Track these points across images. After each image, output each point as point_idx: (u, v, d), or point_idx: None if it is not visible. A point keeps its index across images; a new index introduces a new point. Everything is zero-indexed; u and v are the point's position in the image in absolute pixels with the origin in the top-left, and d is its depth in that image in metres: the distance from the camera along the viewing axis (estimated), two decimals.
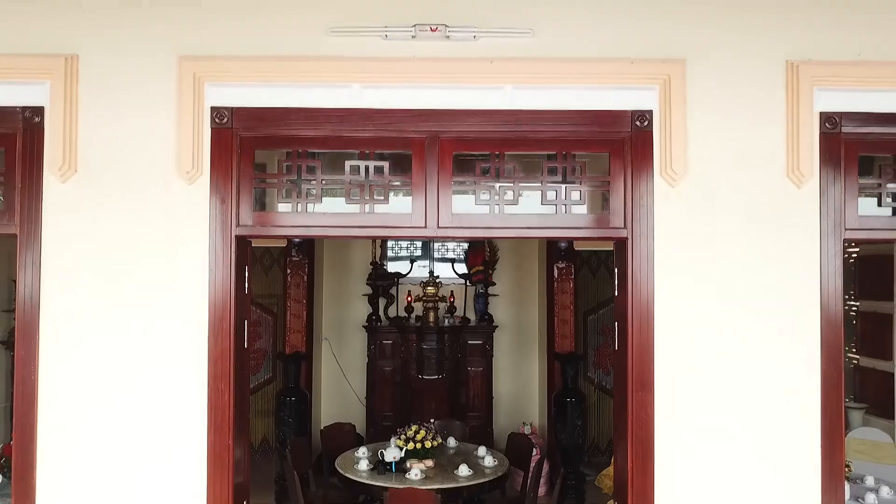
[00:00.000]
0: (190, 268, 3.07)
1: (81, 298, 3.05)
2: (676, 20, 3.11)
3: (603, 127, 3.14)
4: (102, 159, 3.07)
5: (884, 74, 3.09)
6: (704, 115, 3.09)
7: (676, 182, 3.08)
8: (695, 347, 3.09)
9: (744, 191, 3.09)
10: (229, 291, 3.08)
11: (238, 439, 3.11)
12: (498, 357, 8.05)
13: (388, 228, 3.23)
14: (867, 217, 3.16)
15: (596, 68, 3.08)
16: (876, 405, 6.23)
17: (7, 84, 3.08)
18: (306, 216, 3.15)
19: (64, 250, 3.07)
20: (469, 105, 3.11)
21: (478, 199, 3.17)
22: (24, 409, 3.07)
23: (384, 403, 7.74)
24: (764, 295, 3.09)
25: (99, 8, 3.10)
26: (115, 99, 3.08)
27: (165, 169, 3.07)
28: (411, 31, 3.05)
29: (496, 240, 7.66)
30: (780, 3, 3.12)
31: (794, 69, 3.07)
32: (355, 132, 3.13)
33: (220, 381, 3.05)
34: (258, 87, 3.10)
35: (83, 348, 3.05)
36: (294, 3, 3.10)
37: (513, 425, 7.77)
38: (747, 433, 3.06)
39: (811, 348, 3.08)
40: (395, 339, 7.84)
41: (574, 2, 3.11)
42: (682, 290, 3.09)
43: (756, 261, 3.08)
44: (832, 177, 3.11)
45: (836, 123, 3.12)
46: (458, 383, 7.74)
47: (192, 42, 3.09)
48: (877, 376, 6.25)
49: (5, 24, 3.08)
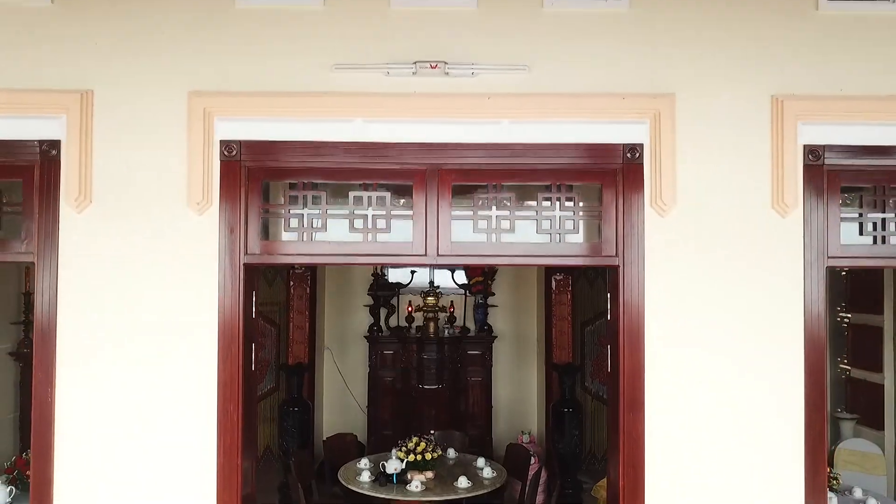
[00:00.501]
0: (200, 295, 3.21)
1: (96, 325, 3.19)
2: (666, 57, 3.25)
3: (596, 159, 3.28)
4: (116, 190, 3.21)
5: (864, 108, 3.23)
6: (693, 148, 3.23)
7: (666, 212, 3.21)
8: (684, 371, 3.22)
9: (731, 220, 3.23)
10: (238, 317, 3.21)
11: (246, 455, 3.24)
12: (497, 367, 8.18)
13: (390, 256, 3.37)
14: (849, 245, 3.29)
15: (588, 103, 3.22)
16: (867, 416, 6.36)
17: (26, 118, 3.21)
18: (311, 245, 3.29)
19: (79, 278, 3.20)
20: (468, 139, 3.25)
21: (476, 227, 3.31)
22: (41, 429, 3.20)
23: (385, 412, 7.87)
24: (750, 320, 3.22)
25: (113, 45, 3.23)
26: (128, 132, 3.22)
27: (176, 200, 3.20)
28: (412, 67, 3.19)
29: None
30: (765, 41, 3.25)
31: (779, 104, 3.21)
32: (359, 164, 3.27)
33: (229, 404, 3.19)
34: (265, 121, 3.24)
35: (98, 372, 3.19)
36: (299, 41, 3.24)
37: (512, 433, 7.90)
38: (734, 453, 3.20)
39: (795, 372, 3.22)
40: (395, 350, 7.97)
41: (567, 39, 3.25)
42: (672, 315, 3.22)
43: (742, 288, 3.22)
44: (815, 207, 3.25)
45: (819, 155, 3.25)
46: (458, 393, 7.88)
47: (202, 78, 3.23)
48: (867, 387, 6.37)
49: (24, 61, 3.22)
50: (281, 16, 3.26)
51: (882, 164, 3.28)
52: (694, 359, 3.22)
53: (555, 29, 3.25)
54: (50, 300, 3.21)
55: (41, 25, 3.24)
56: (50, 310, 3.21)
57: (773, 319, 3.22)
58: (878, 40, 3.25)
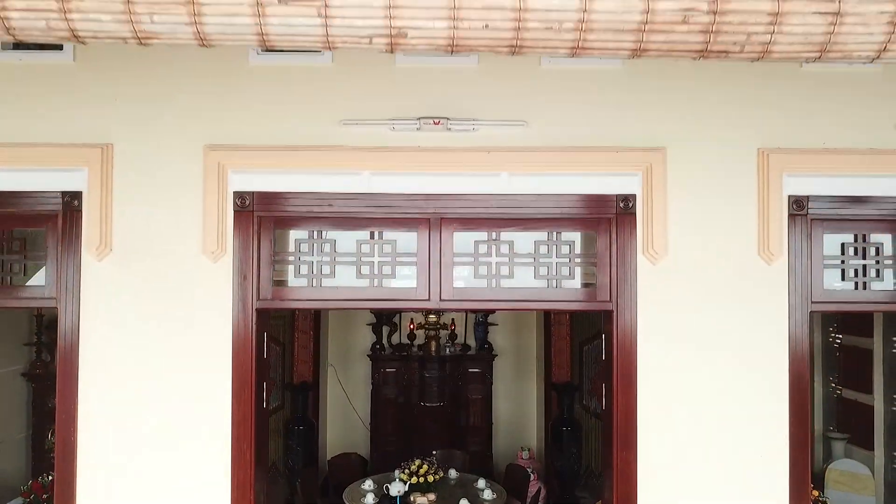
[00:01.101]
0: (214, 338, 3.37)
1: (116, 365, 3.35)
2: (657, 112, 3.41)
3: (591, 209, 3.44)
4: (135, 239, 3.37)
5: (846, 161, 3.40)
6: (683, 199, 3.39)
7: (657, 260, 3.38)
8: (674, 410, 3.39)
9: (719, 268, 3.39)
10: (251, 359, 3.38)
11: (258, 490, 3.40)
12: (497, 384, 8.34)
13: (395, 301, 3.53)
14: (832, 290, 3.46)
15: (584, 157, 3.38)
16: (857, 435, 6.51)
17: (49, 171, 3.38)
18: (320, 290, 3.46)
19: (100, 321, 3.37)
20: (469, 190, 3.42)
21: (476, 273, 3.47)
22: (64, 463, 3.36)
23: (388, 429, 8.03)
24: (738, 363, 3.39)
25: (132, 102, 3.40)
26: (146, 184, 3.38)
27: (192, 248, 3.37)
28: (416, 123, 3.36)
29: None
30: (753, 97, 3.42)
31: (765, 157, 3.38)
32: (365, 213, 3.44)
33: (242, 442, 3.36)
34: (277, 173, 3.40)
35: (116, 410, 3.35)
36: (309, 97, 3.41)
37: (512, 449, 8.06)
38: (723, 490, 3.36)
39: (780, 410, 3.39)
40: (398, 367, 8.13)
41: (563, 96, 3.42)
42: (663, 358, 3.39)
43: (731, 331, 3.39)
44: (800, 255, 3.41)
45: (803, 206, 3.42)
46: (459, 409, 8.04)
47: (217, 132, 3.39)
48: (858, 408, 6.53)
49: (47, 116, 3.39)
50: (291, 73, 3.42)
51: (863, 214, 3.45)
52: (684, 399, 3.39)
53: (551, 86, 3.42)
54: (72, 344, 3.38)
55: (64, 82, 3.40)
56: (72, 351, 3.37)
57: (760, 361, 3.39)
58: (859, 97, 3.41)
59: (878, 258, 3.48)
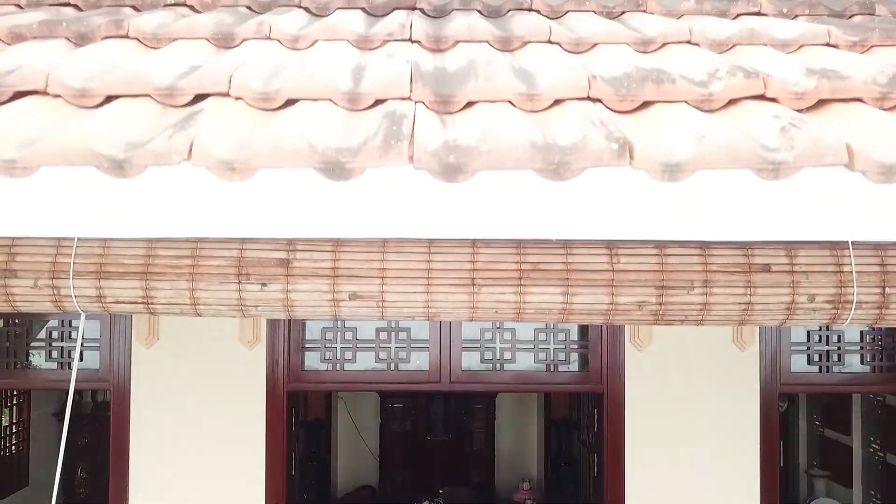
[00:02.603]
0: (249, 417, 3.80)
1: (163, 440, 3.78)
2: None
3: None
4: (181, 331, 3.80)
5: None
6: None
7: (643, 348, 3.81)
8: (658, 480, 3.82)
9: (699, 354, 3.82)
10: (282, 435, 3.81)
11: None
12: (499, 419, 8.76)
13: (410, 384, 3.97)
14: (799, 373, 3.88)
15: None
16: (838, 474, 6.92)
17: None
18: (343, 374, 3.88)
19: (148, 402, 3.80)
20: None
21: (482, 358, 3.90)
22: None
23: (396, 462, 8.46)
24: (716, 439, 3.81)
25: None
26: None
27: (231, 338, 3.79)
28: None
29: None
30: None
31: None
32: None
33: None
34: None
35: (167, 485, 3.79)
36: None
37: (513, 479, 8.47)
38: None
39: (752, 480, 3.81)
40: (405, 403, 8.56)
41: None
42: (649, 433, 3.81)
43: (708, 411, 3.81)
44: (769, 342, 3.83)
45: None
46: (463, 443, 8.48)
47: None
48: (839, 447, 6.93)
49: None
50: None
51: None
52: (668, 469, 3.81)
53: None
54: (123, 423, 3.81)
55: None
56: (123, 431, 3.81)
57: (734, 437, 3.80)
58: None
59: (840, 345, 3.90)
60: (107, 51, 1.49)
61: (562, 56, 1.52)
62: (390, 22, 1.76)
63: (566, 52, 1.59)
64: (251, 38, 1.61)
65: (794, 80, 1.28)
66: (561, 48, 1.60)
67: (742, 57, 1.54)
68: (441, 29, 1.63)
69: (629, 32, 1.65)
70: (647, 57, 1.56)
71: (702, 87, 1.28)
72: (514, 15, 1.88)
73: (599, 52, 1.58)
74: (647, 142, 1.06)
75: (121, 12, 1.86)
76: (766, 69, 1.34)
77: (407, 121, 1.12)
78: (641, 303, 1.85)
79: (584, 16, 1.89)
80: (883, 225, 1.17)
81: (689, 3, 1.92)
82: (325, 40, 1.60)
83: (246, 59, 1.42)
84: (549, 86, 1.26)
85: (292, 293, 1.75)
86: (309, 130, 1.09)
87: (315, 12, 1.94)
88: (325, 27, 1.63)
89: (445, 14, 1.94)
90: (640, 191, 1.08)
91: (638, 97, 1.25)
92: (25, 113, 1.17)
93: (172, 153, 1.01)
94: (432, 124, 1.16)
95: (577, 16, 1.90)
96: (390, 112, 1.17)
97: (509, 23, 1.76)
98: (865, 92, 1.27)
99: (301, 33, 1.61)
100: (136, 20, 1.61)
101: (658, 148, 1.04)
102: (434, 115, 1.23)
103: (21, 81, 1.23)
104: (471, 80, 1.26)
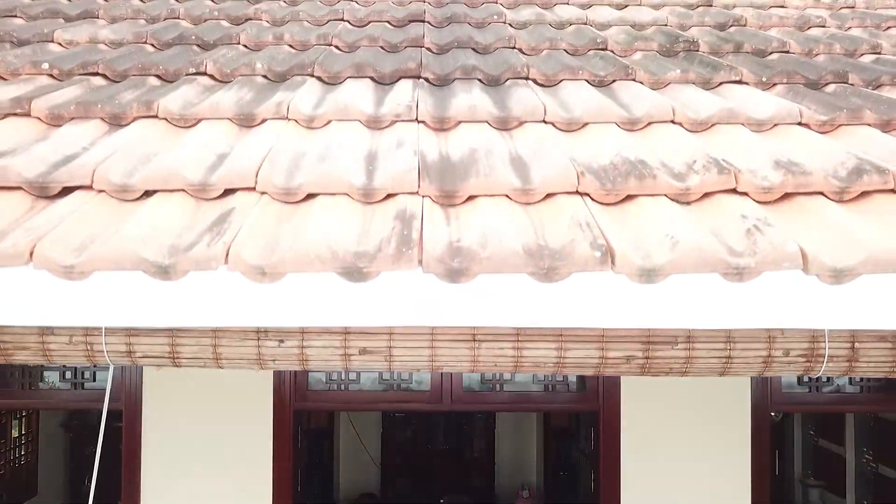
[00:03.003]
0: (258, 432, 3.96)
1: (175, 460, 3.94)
2: None
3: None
4: None
5: None
6: None
7: None
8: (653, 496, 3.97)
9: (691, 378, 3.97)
10: (288, 451, 3.97)
11: None
12: (500, 427, 8.91)
13: (412, 403, 4.12)
14: (790, 392, 4.03)
15: None
16: (832, 483, 7.07)
17: None
18: (348, 394, 4.04)
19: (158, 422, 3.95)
20: None
21: (483, 378, 4.05)
22: None
23: (398, 470, 8.62)
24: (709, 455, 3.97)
25: None
26: None
27: None
28: None
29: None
30: None
31: None
32: None
33: None
34: None
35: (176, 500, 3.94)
36: None
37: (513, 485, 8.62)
38: None
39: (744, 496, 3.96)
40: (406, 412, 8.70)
41: None
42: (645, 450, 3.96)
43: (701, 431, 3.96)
44: None
45: None
46: (464, 449, 8.63)
47: None
48: (833, 457, 7.09)
49: None
50: None
51: None
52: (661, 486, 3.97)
53: None
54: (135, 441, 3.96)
55: None
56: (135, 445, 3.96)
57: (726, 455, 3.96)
58: None
59: None
60: (140, 135, 1.64)
61: (555, 139, 1.67)
62: (397, 96, 1.90)
63: (559, 132, 1.73)
64: (270, 119, 1.76)
65: (762, 174, 1.42)
66: (555, 127, 1.75)
67: (720, 140, 1.68)
68: (444, 108, 1.77)
69: (618, 111, 1.79)
70: (633, 137, 1.71)
71: (679, 180, 1.42)
72: (511, 86, 2.02)
73: (590, 132, 1.72)
74: (627, 248, 1.20)
75: (146, 83, 2.01)
76: (739, 161, 1.48)
77: (416, 223, 1.26)
78: (629, 357, 2.00)
79: (577, 85, 2.03)
80: (848, 317, 1.31)
81: (674, 73, 2.07)
82: (339, 120, 1.75)
83: (269, 147, 1.56)
84: (542, 182, 1.40)
85: (307, 349, 1.91)
86: (329, 233, 1.23)
87: (327, 81, 2.08)
88: (338, 107, 1.77)
89: (448, 83, 2.08)
90: (623, 288, 1.22)
91: (622, 192, 1.40)
92: (75, 211, 1.31)
93: (211, 260, 1.15)
94: (438, 222, 1.30)
95: (571, 85, 2.04)
96: (401, 211, 1.32)
97: (508, 98, 1.90)
98: (826, 186, 1.42)
99: (316, 113, 1.75)
100: (164, 101, 1.75)
101: (637, 254, 1.18)
102: (439, 209, 1.37)
103: (69, 178, 1.37)
104: (472, 177, 1.41)
